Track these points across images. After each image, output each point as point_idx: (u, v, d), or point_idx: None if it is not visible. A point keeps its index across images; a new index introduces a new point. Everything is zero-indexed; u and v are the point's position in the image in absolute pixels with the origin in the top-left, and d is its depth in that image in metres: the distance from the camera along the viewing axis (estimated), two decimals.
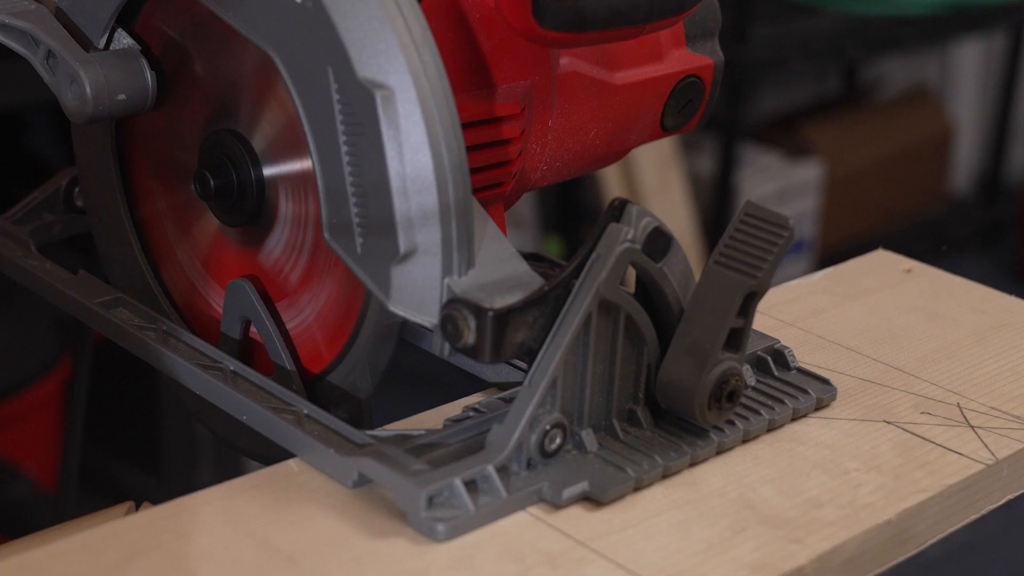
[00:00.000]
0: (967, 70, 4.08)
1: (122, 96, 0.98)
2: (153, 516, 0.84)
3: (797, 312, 1.11)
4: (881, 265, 1.21)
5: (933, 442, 0.94)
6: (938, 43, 3.91)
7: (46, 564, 0.79)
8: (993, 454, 0.93)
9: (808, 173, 3.48)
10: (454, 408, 0.95)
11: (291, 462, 0.89)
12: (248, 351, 1.01)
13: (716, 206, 3.25)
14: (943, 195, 3.96)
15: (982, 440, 0.94)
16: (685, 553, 0.82)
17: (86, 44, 0.99)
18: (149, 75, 0.99)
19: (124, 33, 1.00)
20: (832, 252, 3.43)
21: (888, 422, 0.96)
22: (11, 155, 2.43)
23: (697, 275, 0.89)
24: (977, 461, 0.92)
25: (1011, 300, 1.15)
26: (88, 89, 0.96)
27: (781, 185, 3.42)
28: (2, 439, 2.14)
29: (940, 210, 3.93)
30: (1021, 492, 0.95)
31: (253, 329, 0.99)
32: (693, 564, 0.81)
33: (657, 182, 2.95)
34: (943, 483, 0.90)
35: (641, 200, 2.91)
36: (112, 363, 1.01)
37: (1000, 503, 0.94)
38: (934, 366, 1.04)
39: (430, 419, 0.95)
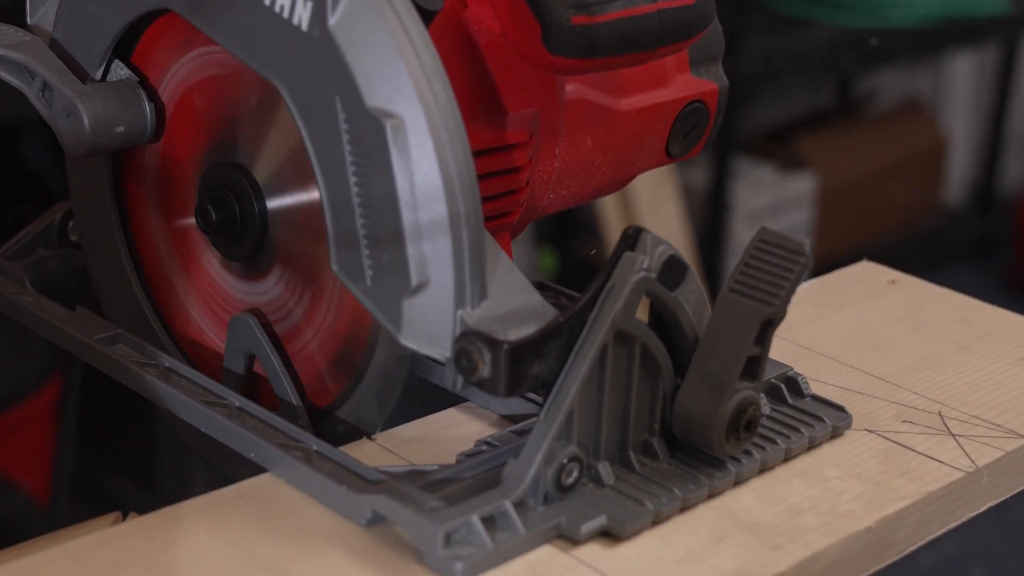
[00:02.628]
0: (960, 83, 4.08)
1: (121, 128, 0.96)
2: (139, 526, 0.85)
3: (781, 323, 1.10)
4: (865, 276, 1.22)
5: (914, 450, 0.95)
6: (931, 56, 3.91)
7: (32, 573, 0.80)
8: (973, 462, 0.93)
9: (801, 186, 3.48)
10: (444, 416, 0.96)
11: None
12: (251, 386, 0.99)
13: (710, 219, 3.24)
14: (937, 207, 3.95)
15: (963, 448, 0.95)
16: (666, 561, 0.82)
17: (83, 76, 0.98)
18: (148, 107, 0.97)
19: (121, 64, 0.99)
20: (825, 264, 3.38)
21: (870, 431, 0.97)
22: (4, 170, 2.42)
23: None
24: (957, 469, 0.93)
25: (994, 311, 1.16)
26: (86, 122, 0.94)
27: (774, 198, 3.41)
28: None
29: (934, 222, 3.92)
30: (1001, 499, 0.96)
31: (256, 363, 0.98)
32: (674, 572, 0.81)
33: (651, 195, 2.94)
34: (923, 491, 0.90)
35: (635, 213, 2.90)
36: (105, 377, 1.00)
37: (981, 510, 0.94)
38: (916, 375, 1.05)
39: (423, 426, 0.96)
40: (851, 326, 1.12)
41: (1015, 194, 4.11)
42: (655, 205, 2.96)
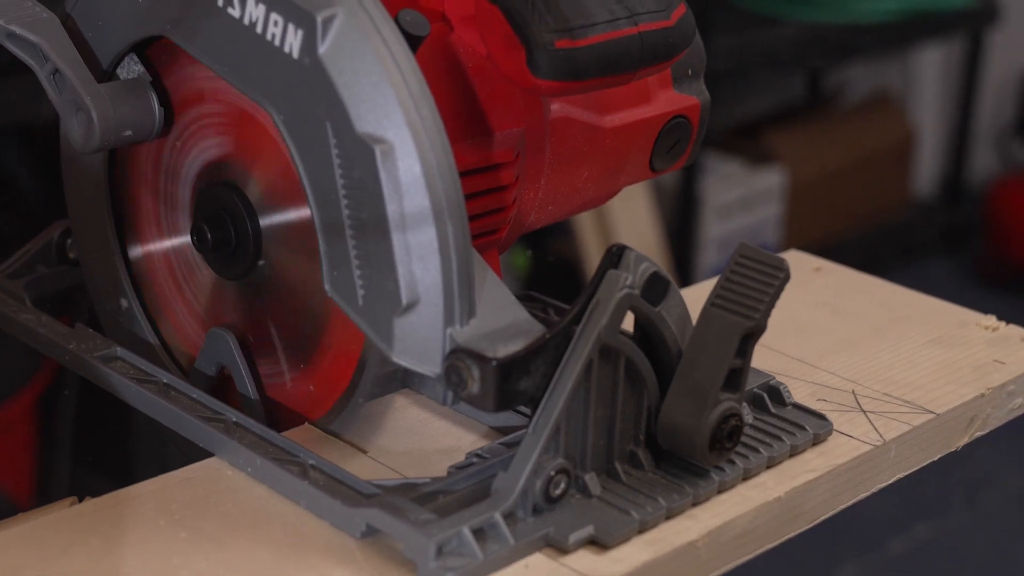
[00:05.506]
0: (928, 76, 4.10)
1: (128, 132, 0.97)
2: (93, 507, 0.90)
3: None
4: (791, 264, 1.24)
5: None
6: (899, 50, 3.93)
7: None
8: (881, 436, 0.99)
9: (771, 180, 3.50)
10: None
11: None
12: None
13: (680, 214, 3.26)
14: (906, 199, 3.98)
15: (872, 423, 1.00)
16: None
17: (95, 63, 0.98)
18: (157, 110, 0.98)
19: (135, 58, 0.99)
20: None
21: None
22: None
23: None
24: (866, 443, 0.98)
25: (912, 295, 1.20)
26: (96, 123, 0.95)
27: (744, 192, 3.43)
28: None
29: (904, 214, 3.94)
30: (910, 471, 1.01)
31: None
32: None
33: (622, 191, 2.96)
34: (832, 463, 0.95)
35: (606, 209, 2.91)
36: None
37: (890, 482, 0.99)
38: (834, 357, 1.10)
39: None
40: (775, 312, 1.14)
41: (984, 185, 4.14)
42: (626, 200, 2.97)
